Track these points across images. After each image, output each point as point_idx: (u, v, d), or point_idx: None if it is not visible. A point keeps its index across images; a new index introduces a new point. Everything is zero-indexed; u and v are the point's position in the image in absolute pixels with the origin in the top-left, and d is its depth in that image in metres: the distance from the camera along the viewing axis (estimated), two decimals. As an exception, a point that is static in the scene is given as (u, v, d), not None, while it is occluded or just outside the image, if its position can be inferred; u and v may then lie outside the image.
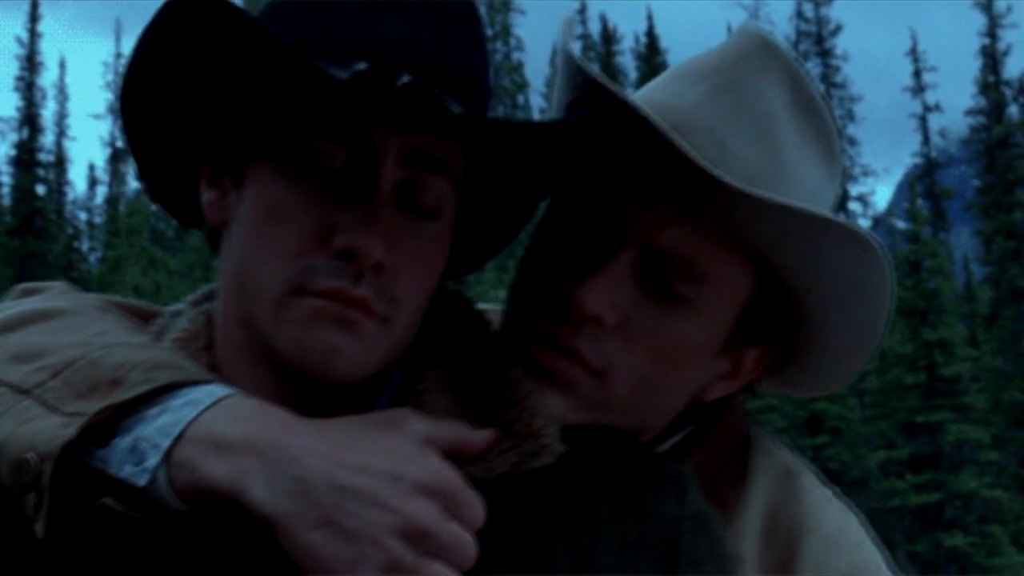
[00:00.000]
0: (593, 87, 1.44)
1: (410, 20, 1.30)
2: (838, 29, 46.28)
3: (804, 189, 1.56)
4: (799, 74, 1.61)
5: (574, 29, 1.58)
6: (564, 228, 1.57)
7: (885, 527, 31.65)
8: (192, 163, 1.43)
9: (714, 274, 1.51)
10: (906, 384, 32.22)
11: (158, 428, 1.20)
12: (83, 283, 38.93)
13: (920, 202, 36.19)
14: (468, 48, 1.34)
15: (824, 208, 1.60)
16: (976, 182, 41.48)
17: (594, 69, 1.45)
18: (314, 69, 1.19)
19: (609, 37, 48.03)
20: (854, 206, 45.42)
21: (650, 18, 46.42)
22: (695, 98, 1.55)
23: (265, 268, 1.27)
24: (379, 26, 1.29)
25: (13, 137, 44.35)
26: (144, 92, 1.36)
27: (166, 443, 1.18)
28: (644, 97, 1.60)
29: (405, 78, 1.24)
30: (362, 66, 1.24)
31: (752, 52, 1.59)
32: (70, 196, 47.83)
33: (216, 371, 1.36)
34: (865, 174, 46.56)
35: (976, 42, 42.66)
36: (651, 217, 1.49)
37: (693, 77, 1.59)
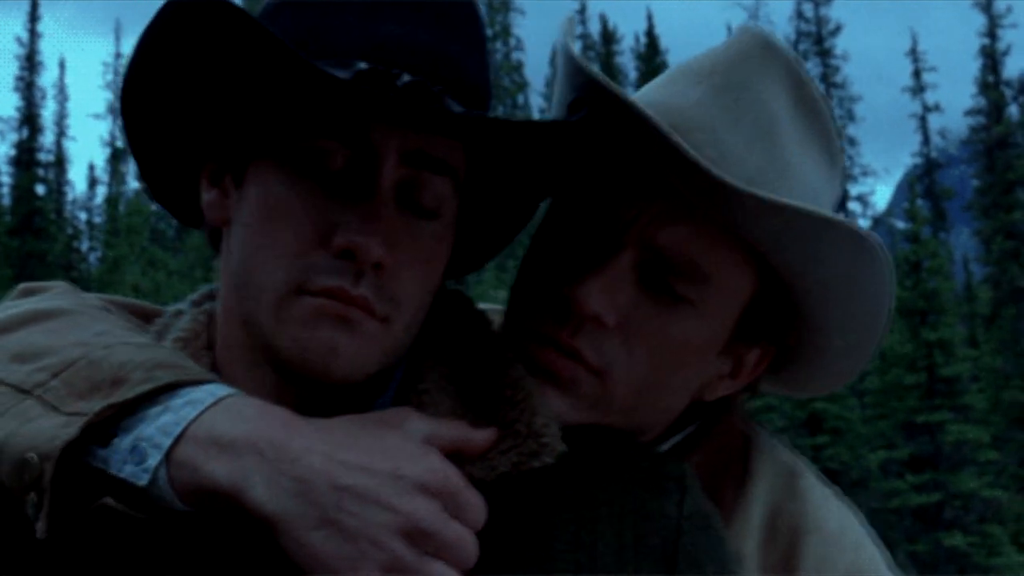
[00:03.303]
0: (594, 87, 1.44)
1: (410, 20, 1.30)
2: (838, 29, 46.30)
3: (805, 189, 1.56)
4: (800, 74, 1.60)
5: (574, 29, 1.58)
6: (565, 228, 1.56)
7: (885, 527, 31.64)
8: (193, 163, 1.43)
9: (715, 274, 1.50)
10: (906, 384, 32.18)
11: (159, 427, 1.19)
12: (83, 283, 38.90)
13: (920, 202, 36.16)
14: (468, 48, 1.34)
15: (825, 207, 1.59)
16: (976, 182, 41.47)
17: (595, 69, 1.45)
18: (315, 69, 1.19)
19: (609, 37, 48.02)
20: (854, 206, 45.46)
21: (650, 18, 46.41)
22: (695, 98, 1.55)
23: (266, 267, 1.27)
24: (379, 26, 1.29)
25: (13, 137, 44.38)
26: (145, 92, 1.36)
27: (167, 443, 1.18)
28: (644, 97, 1.60)
29: (405, 78, 1.25)
30: (363, 66, 1.25)
31: (753, 52, 1.58)
32: (70, 196, 47.88)
33: (217, 371, 1.37)
34: (865, 174, 46.60)
35: (976, 42, 42.69)
36: (652, 217, 1.49)
37: (693, 77, 1.58)
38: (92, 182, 50.16)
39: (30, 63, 44.90)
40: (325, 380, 1.27)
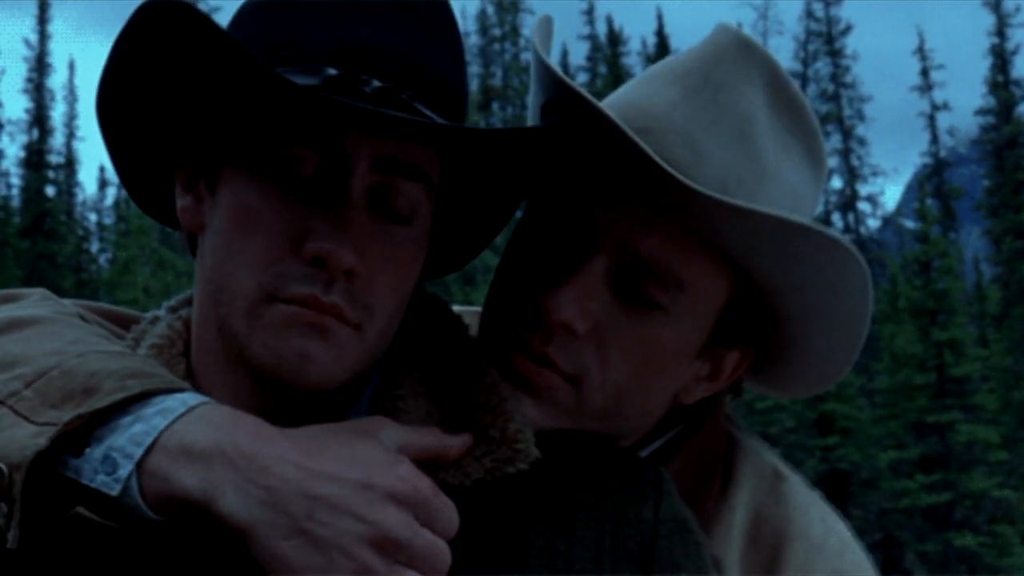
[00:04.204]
0: (563, 90, 1.43)
1: (383, 23, 1.30)
2: (848, 29, 46.24)
3: (784, 190, 1.55)
4: (778, 73, 1.58)
5: (549, 28, 1.57)
6: (538, 233, 1.55)
7: (895, 527, 31.61)
8: (169, 168, 1.42)
9: (689, 280, 1.49)
10: (916, 384, 32.09)
11: (130, 437, 1.19)
12: (93, 284, 39.02)
13: (929, 202, 36.04)
14: (442, 50, 1.34)
15: (807, 208, 1.59)
16: (985, 182, 41.37)
17: (562, 73, 1.43)
18: (277, 78, 1.19)
19: (616, 38, 47.95)
20: (863, 206, 45.40)
21: (660, 18, 46.36)
22: (669, 99, 1.53)
23: (238, 275, 1.27)
24: (351, 30, 1.28)
25: (23, 139, 44.50)
26: (120, 98, 1.36)
27: (138, 452, 1.18)
28: (619, 98, 1.59)
29: (375, 83, 1.24)
30: (332, 72, 1.24)
31: (729, 52, 1.56)
32: (80, 197, 48.01)
33: (193, 377, 1.37)
34: (874, 174, 46.50)
35: (985, 41, 42.59)
36: (625, 223, 1.48)
37: (668, 78, 1.57)
38: (102, 183, 50.21)
39: (40, 65, 45.01)
40: (299, 387, 1.26)
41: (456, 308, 1.56)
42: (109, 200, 49.68)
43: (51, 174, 44.48)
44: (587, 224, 1.50)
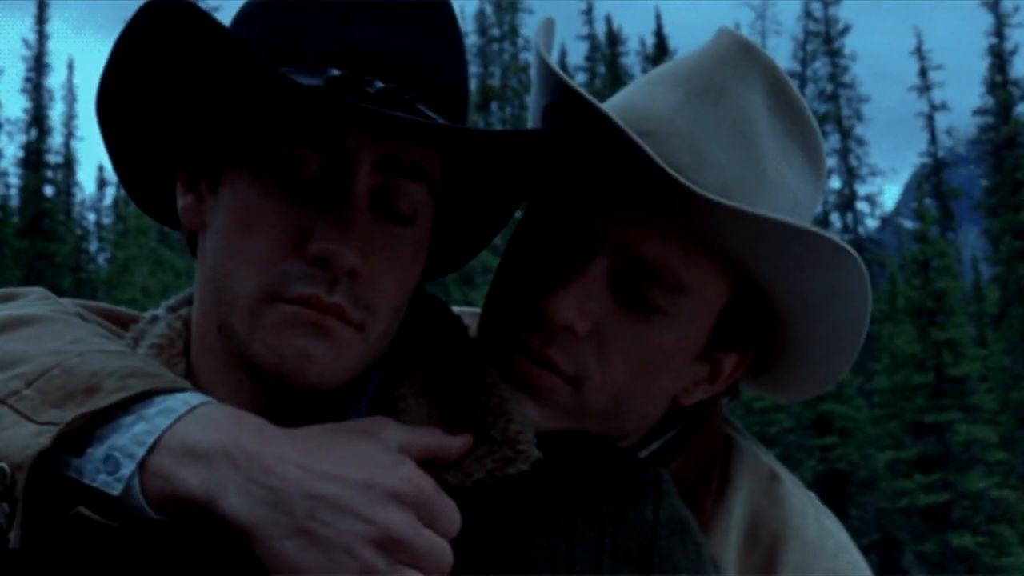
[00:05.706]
0: (567, 93, 1.43)
1: (385, 24, 1.30)
2: (846, 29, 46.28)
3: (785, 193, 1.55)
4: (779, 77, 1.59)
5: (552, 31, 1.57)
6: (539, 235, 1.56)
7: (893, 527, 31.63)
8: (170, 167, 1.42)
9: (690, 283, 1.49)
10: (914, 384, 32.13)
11: (132, 437, 1.19)
12: (91, 284, 39.01)
13: (928, 202, 36.09)
14: (445, 51, 1.34)
15: (807, 211, 1.60)
16: (984, 181, 41.39)
17: (566, 76, 1.43)
18: (282, 78, 1.19)
19: (615, 38, 47.99)
20: (862, 206, 45.46)
21: (658, 18, 46.40)
22: (673, 103, 1.53)
23: (240, 274, 1.27)
24: (354, 30, 1.28)
25: (21, 138, 44.53)
26: (121, 97, 1.36)
27: (140, 452, 1.18)
28: (621, 102, 1.59)
29: (378, 84, 1.24)
30: (335, 72, 1.24)
31: (730, 56, 1.57)
32: (78, 197, 48.09)
33: (193, 377, 1.36)
34: (873, 174, 46.58)
35: (983, 42, 42.60)
36: (626, 225, 1.48)
37: (671, 82, 1.57)
38: (101, 183, 50.24)
39: (38, 64, 45.00)
40: (300, 387, 1.26)
41: (455, 309, 1.56)
42: (108, 200, 49.77)
43: (49, 174, 44.52)
44: (589, 226, 1.50)
